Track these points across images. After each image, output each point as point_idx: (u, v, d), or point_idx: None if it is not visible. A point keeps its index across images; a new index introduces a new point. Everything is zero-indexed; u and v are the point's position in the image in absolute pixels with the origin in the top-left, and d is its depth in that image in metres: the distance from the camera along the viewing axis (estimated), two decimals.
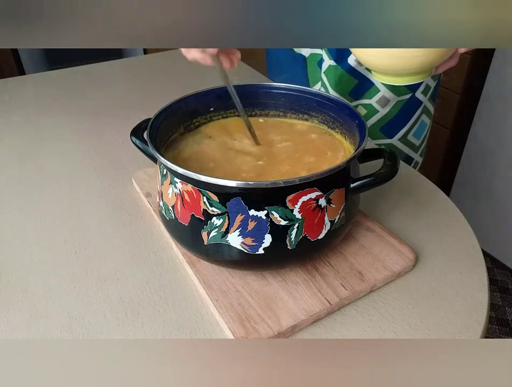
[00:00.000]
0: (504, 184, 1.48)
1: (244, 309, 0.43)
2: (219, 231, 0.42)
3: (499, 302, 1.48)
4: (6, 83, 1.00)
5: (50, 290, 0.47)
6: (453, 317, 0.44)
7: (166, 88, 0.96)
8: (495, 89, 1.42)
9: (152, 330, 0.43)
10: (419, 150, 0.87)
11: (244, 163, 0.49)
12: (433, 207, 0.59)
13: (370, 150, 0.48)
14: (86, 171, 0.68)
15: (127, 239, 0.54)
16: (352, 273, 0.47)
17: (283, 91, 0.57)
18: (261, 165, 0.49)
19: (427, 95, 0.80)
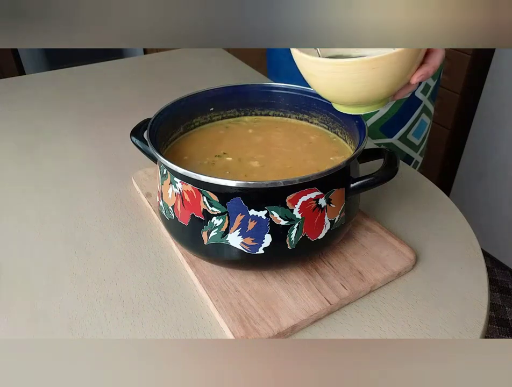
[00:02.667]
0: (504, 184, 1.48)
1: (244, 309, 0.43)
2: (219, 231, 0.42)
3: (499, 302, 1.48)
4: (6, 83, 1.00)
5: (50, 290, 0.47)
6: (453, 317, 0.44)
7: (167, 88, 0.96)
8: (495, 89, 1.42)
9: (152, 330, 0.43)
10: (419, 150, 0.87)
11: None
12: (433, 207, 0.59)
13: (370, 150, 0.48)
14: (86, 171, 0.68)
15: (127, 239, 0.54)
16: (352, 273, 0.47)
17: (283, 91, 0.57)
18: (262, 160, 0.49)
19: (427, 95, 0.80)
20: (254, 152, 0.51)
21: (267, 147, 0.53)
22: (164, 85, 0.98)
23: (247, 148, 0.52)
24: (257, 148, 0.52)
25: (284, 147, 0.53)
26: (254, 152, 0.51)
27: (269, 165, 0.49)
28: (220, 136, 0.55)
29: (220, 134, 0.56)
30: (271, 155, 0.51)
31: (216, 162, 0.50)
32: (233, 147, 0.53)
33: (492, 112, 1.45)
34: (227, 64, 1.10)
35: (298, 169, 0.48)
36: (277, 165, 0.49)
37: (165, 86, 0.97)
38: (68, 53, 2.25)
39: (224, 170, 0.48)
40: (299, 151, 0.52)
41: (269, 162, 0.49)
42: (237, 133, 0.56)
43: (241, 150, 0.52)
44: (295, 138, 0.54)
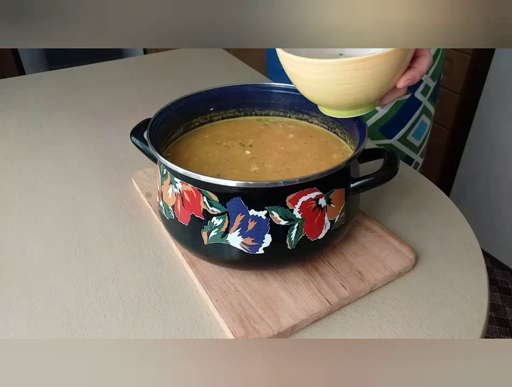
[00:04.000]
0: (504, 184, 1.48)
1: (244, 309, 0.43)
2: (219, 231, 0.42)
3: (499, 302, 1.48)
4: (6, 83, 1.00)
5: (50, 290, 0.47)
6: (453, 317, 0.44)
7: (167, 88, 0.96)
8: (495, 89, 1.42)
9: (152, 330, 0.43)
10: (419, 151, 0.86)
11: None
12: (433, 207, 0.59)
13: (370, 150, 0.48)
14: (86, 171, 0.68)
15: (127, 239, 0.54)
16: (352, 273, 0.47)
17: (283, 91, 0.57)
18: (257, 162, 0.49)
19: (427, 96, 0.80)
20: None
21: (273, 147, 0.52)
22: (164, 85, 0.98)
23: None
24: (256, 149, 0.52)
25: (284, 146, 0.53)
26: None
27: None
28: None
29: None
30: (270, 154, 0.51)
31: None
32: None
33: (492, 112, 1.45)
34: (227, 64, 1.10)
35: (297, 168, 0.48)
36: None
37: (165, 86, 0.97)
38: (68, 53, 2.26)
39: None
40: (299, 151, 0.52)
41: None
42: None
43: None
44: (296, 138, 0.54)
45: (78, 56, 2.19)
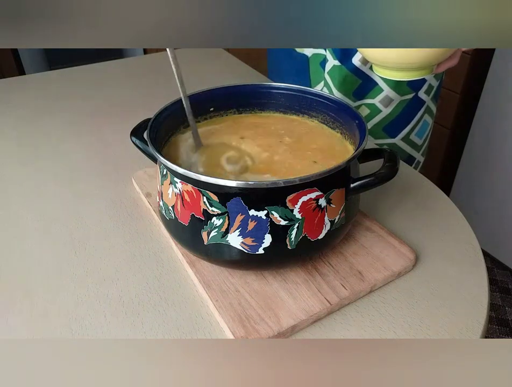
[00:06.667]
0: (504, 184, 1.48)
1: (244, 309, 0.43)
2: (219, 231, 0.42)
3: (499, 302, 1.48)
4: (6, 83, 1.00)
5: (50, 290, 0.47)
6: (453, 317, 0.44)
7: (167, 88, 0.96)
8: (495, 89, 1.42)
9: (152, 330, 0.43)
10: (421, 150, 0.87)
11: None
12: (433, 207, 0.59)
13: (370, 150, 0.48)
14: (86, 171, 0.68)
15: (127, 239, 0.54)
16: (352, 273, 0.47)
17: (283, 91, 0.57)
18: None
19: (430, 95, 0.81)
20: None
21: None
22: (164, 85, 0.98)
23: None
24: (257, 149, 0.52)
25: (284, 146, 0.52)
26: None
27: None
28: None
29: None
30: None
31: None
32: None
33: (492, 112, 1.45)
34: (227, 64, 1.10)
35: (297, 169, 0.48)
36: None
37: (165, 86, 0.97)
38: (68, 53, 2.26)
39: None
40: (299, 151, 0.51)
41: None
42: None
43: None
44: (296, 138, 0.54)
45: (78, 56, 2.19)
